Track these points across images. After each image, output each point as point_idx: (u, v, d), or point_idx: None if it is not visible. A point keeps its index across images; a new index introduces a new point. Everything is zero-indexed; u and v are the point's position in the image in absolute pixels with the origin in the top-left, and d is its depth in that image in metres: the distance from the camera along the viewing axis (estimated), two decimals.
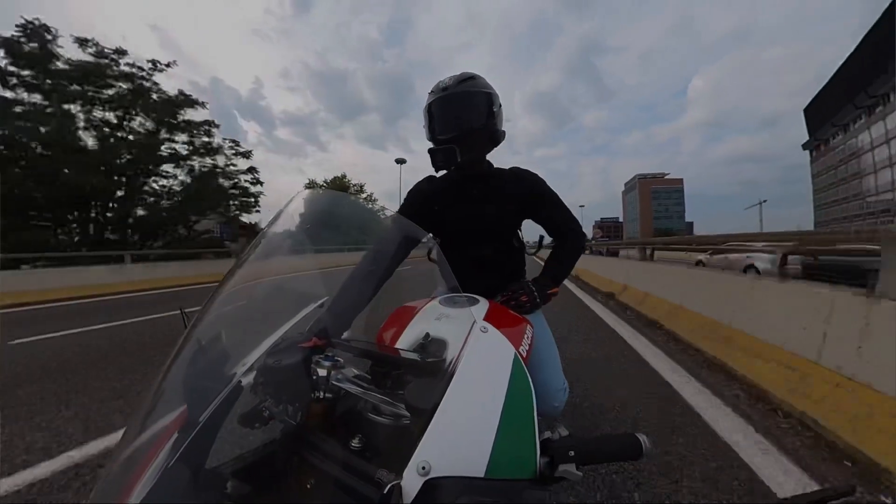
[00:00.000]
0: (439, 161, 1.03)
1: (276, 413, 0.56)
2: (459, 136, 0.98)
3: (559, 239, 1.19)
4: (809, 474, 1.41)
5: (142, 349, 3.33)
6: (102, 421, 1.96)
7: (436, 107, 1.00)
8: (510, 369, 0.55)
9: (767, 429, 1.73)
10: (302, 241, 0.77)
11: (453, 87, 0.98)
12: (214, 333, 0.57)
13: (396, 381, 0.61)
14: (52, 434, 1.83)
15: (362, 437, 0.51)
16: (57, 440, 1.77)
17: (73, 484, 1.45)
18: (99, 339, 3.76)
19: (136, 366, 2.85)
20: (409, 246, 1.02)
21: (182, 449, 0.43)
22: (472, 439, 0.44)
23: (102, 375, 2.64)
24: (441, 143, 1.00)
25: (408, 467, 0.39)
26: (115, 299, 6.80)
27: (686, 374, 2.43)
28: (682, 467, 1.47)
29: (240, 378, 0.59)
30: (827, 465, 1.47)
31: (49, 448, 1.70)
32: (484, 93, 1.00)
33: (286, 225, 0.72)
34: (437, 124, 1.01)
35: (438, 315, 0.78)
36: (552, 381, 1.03)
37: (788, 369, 2.04)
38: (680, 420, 1.85)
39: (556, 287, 1.10)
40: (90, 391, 2.36)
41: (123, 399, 2.24)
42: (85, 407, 2.13)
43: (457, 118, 0.99)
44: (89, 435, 1.81)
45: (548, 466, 0.44)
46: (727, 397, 2.06)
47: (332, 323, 0.76)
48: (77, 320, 4.75)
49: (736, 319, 2.74)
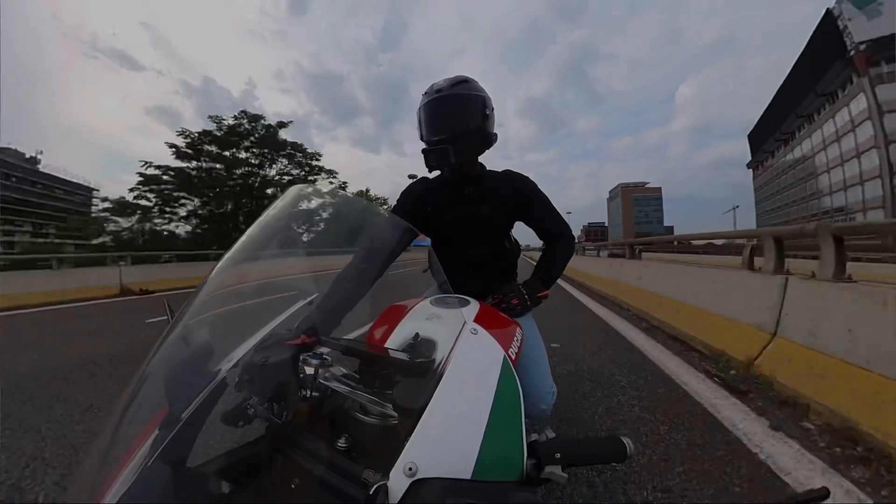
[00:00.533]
0: (432, 161, 1.03)
1: (260, 411, 0.55)
2: (452, 137, 0.99)
3: (549, 242, 1.20)
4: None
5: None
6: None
7: (429, 108, 1.00)
8: (499, 371, 0.55)
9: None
10: (293, 237, 0.76)
11: (447, 90, 0.99)
12: (199, 327, 0.56)
13: (385, 380, 0.60)
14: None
15: (349, 437, 0.50)
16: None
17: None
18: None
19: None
20: (402, 245, 1.02)
21: (162, 447, 0.42)
22: (460, 440, 0.43)
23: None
24: (434, 144, 1.00)
25: (394, 468, 0.38)
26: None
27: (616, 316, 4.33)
28: (613, 363, 2.67)
29: (224, 374, 0.57)
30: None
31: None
32: (477, 96, 1.01)
33: (278, 220, 0.71)
34: (430, 125, 1.01)
35: (429, 315, 0.77)
36: (540, 384, 1.04)
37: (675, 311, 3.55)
38: (606, 335, 3.54)
39: (546, 290, 1.10)
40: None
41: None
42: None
43: (450, 120, 0.99)
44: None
45: (534, 468, 0.45)
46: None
47: (322, 320, 0.75)
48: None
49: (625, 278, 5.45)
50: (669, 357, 2.70)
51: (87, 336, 3.77)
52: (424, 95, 1.02)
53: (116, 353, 3.08)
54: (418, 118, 1.04)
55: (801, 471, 1.32)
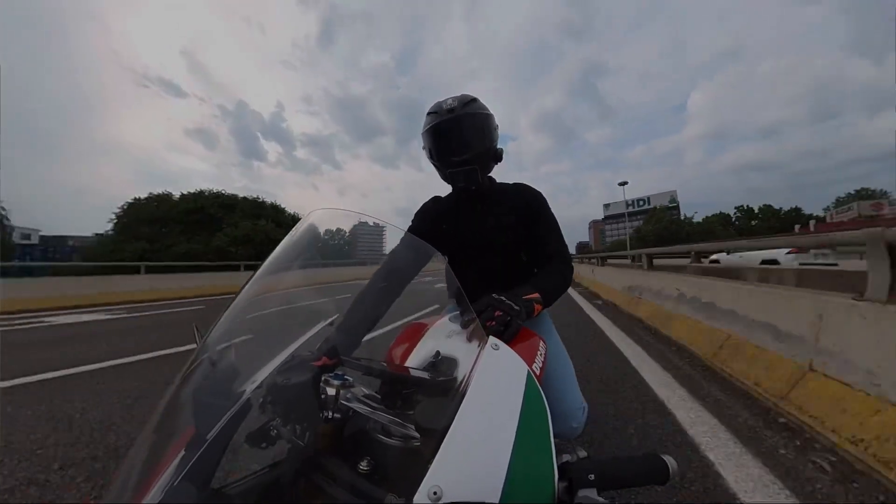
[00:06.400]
0: (460, 182, 1.06)
1: (283, 432, 0.55)
2: (474, 157, 1.01)
3: (548, 263, 1.08)
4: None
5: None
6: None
7: (445, 128, 1.01)
8: (524, 388, 0.53)
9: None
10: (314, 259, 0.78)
11: (460, 109, 1.00)
12: (225, 350, 0.57)
13: (407, 400, 0.59)
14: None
15: (371, 460, 0.49)
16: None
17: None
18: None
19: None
20: (420, 264, 1.02)
21: (188, 467, 0.42)
22: (486, 462, 0.42)
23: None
24: (455, 164, 1.02)
25: (418, 492, 0.37)
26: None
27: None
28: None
29: (248, 395, 0.58)
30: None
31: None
32: (487, 114, 1.04)
33: (299, 243, 0.73)
34: (449, 145, 1.02)
35: (449, 332, 0.76)
36: (569, 400, 0.99)
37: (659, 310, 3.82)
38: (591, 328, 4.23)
39: (534, 293, 0.88)
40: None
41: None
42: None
43: (470, 139, 1.01)
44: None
45: (566, 492, 0.42)
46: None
47: (342, 341, 0.76)
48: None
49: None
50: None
51: None
52: (434, 115, 1.02)
53: None
54: (429, 138, 1.04)
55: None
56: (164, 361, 3.38)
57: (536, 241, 1.12)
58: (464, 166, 1.02)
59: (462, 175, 1.03)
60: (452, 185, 1.09)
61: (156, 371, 3.07)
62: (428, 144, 1.06)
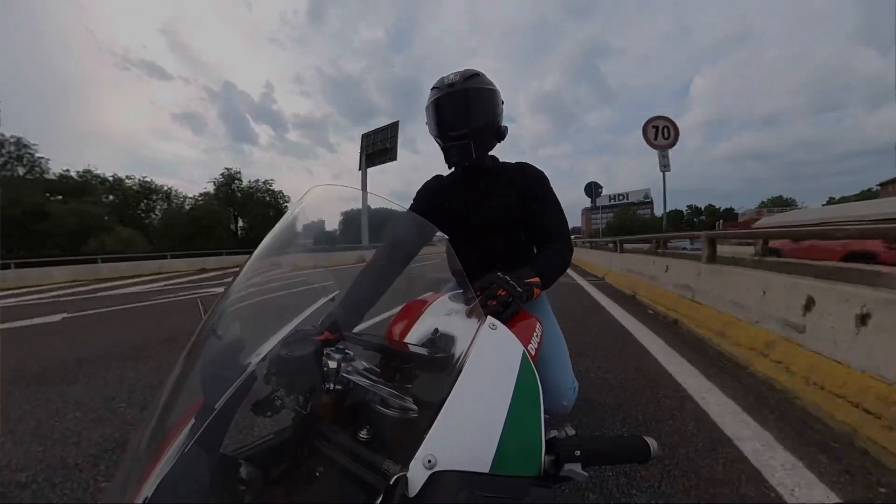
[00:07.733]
0: (454, 157, 1.03)
1: (287, 402, 0.58)
2: (471, 132, 0.98)
3: (547, 243, 1.06)
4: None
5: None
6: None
7: (444, 103, 0.99)
8: (518, 367, 0.55)
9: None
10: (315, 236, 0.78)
11: (461, 84, 0.97)
12: (230, 323, 0.59)
13: (405, 374, 0.61)
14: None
15: (370, 429, 0.52)
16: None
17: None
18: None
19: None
20: (422, 242, 1.03)
21: (198, 435, 0.45)
22: (478, 435, 0.44)
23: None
24: (452, 139, 1.00)
25: (414, 459, 0.39)
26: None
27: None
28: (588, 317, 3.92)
29: (254, 367, 0.60)
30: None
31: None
32: (490, 89, 1.00)
33: (300, 220, 0.73)
34: (447, 120, 1.00)
35: (448, 311, 0.78)
36: (561, 380, 1.02)
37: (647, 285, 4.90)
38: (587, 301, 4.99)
39: (535, 277, 0.87)
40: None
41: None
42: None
43: (467, 114, 0.98)
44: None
45: (553, 465, 0.44)
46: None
47: (344, 317, 0.77)
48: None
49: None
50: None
51: None
52: (435, 90, 1.00)
53: None
54: (430, 113, 1.02)
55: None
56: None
57: (537, 220, 1.09)
58: (459, 141, 0.99)
59: (455, 150, 1.00)
60: (447, 161, 1.05)
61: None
62: (429, 120, 1.04)
